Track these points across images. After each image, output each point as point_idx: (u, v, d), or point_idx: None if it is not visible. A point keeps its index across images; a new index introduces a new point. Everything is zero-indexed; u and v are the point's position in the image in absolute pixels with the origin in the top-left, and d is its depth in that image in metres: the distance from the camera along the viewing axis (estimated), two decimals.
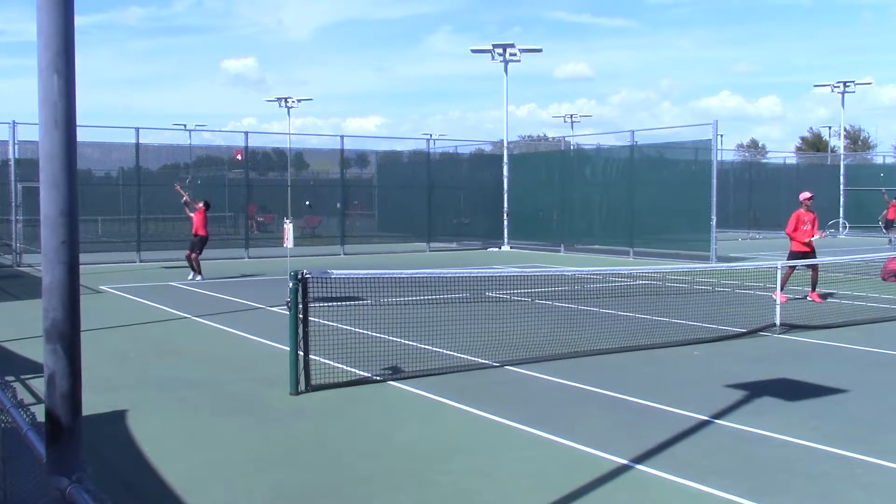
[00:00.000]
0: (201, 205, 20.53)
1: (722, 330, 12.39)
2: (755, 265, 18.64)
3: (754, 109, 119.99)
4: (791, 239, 15.97)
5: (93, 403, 8.15)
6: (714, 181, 25.23)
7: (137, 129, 27.14)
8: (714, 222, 25.27)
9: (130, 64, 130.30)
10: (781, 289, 14.64)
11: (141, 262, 25.87)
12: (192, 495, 5.74)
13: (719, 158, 28.54)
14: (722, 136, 55.34)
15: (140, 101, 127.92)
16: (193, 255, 20.12)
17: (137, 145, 27.14)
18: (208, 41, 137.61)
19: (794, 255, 15.78)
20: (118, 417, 7.70)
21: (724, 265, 20.99)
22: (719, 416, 7.69)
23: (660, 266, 19.00)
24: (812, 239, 15.66)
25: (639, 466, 6.29)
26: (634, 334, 11.90)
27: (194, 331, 13.06)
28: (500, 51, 35.56)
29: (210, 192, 30.88)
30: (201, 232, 20.26)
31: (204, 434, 7.36)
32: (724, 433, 7.22)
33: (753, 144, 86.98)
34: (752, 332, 12.34)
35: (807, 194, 16.02)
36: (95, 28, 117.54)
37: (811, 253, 15.77)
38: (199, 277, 19.95)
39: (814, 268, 15.48)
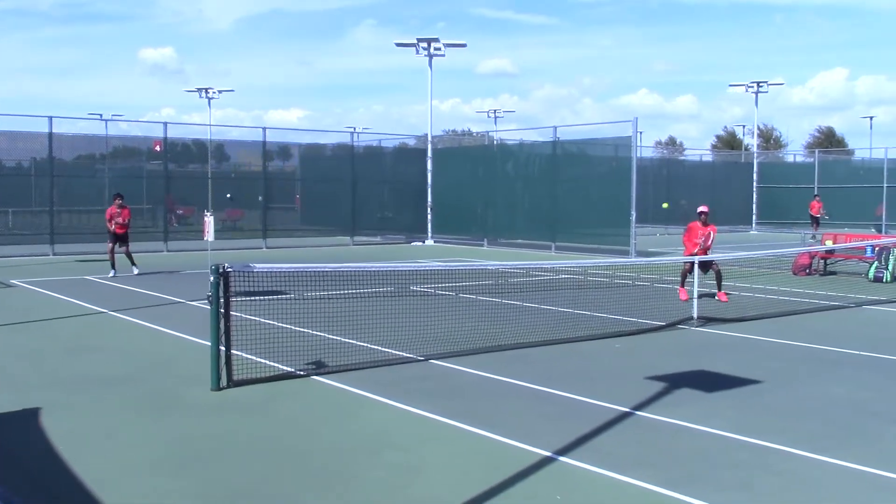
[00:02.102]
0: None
1: (642, 323, 12.63)
2: (673, 260, 19.05)
3: (672, 108, 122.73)
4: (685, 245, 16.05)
5: (2, 402, 7.86)
6: (633, 177, 25.65)
7: (51, 118, 26.29)
8: (633, 217, 25.72)
9: (43, 51, 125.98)
10: (682, 285, 15.02)
11: (55, 255, 25.07)
12: (108, 495, 5.57)
13: (638, 155, 29.06)
14: (641, 133, 56.52)
15: (54, 89, 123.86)
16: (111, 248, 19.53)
17: (51, 134, 26.27)
18: (126, 30, 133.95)
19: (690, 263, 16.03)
20: (29, 416, 7.42)
21: (644, 260, 21.41)
22: (640, 407, 7.83)
23: (581, 260, 19.29)
24: (702, 247, 15.60)
25: (562, 458, 6.35)
26: (557, 328, 12.05)
27: (111, 326, 12.70)
28: (425, 45, 35.52)
29: (128, 183, 30.13)
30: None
31: (121, 433, 7.15)
32: (645, 424, 7.36)
33: (671, 142, 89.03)
34: (671, 326, 12.61)
35: (703, 208, 16.09)
36: (7, 14, 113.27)
37: (707, 261, 15.70)
38: (135, 270, 19.40)
39: (717, 270, 15.58)
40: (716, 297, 15.21)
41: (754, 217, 45.27)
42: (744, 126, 76.44)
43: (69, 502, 5.56)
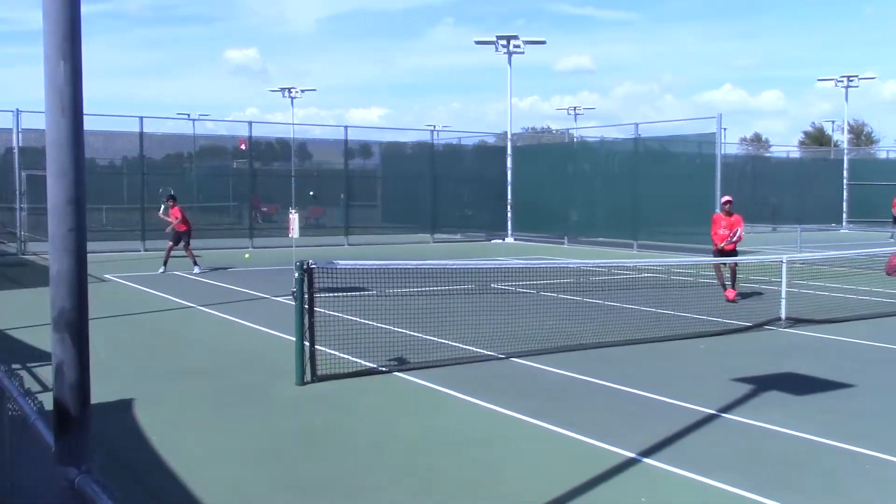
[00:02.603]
0: (170, 201, 20.31)
1: (727, 323, 12.35)
2: (759, 259, 18.56)
3: (757, 103, 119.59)
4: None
5: (99, 392, 8.13)
6: (718, 174, 25.16)
7: (141, 118, 27.14)
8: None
9: (134, 53, 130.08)
10: (723, 286, 15.00)
11: (145, 250, 25.86)
12: (198, 485, 5.72)
13: (722, 152, 28.44)
14: (725, 129, 55.14)
15: (143, 90, 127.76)
16: (187, 249, 20.17)
17: (141, 134, 27.12)
18: (211, 31, 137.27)
19: (716, 254, 16.02)
20: (124, 407, 7.68)
21: (730, 259, 20.89)
22: (726, 409, 7.66)
23: (665, 259, 18.96)
24: (731, 240, 15.61)
25: (645, 459, 6.26)
26: (639, 327, 11.87)
27: (200, 321, 13.04)
28: (504, 42, 35.44)
29: (214, 181, 30.89)
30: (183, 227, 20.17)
31: (209, 424, 7.34)
32: (731, 427, 7.19)
33: (757, 138, 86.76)
34: (758, 326, 12.30)
35: (726, 198, 16.12)
36: (99, 17, 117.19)
37: (731, 252, 15.70)
38: (196, 269, 19.83)
39: (732, 266, 15.40)
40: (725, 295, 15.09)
41: (844, 215, 43.81)
42: (833, 122, 74.10)
43: (161, 490, 5.73)
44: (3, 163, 26.25)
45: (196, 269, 19.76)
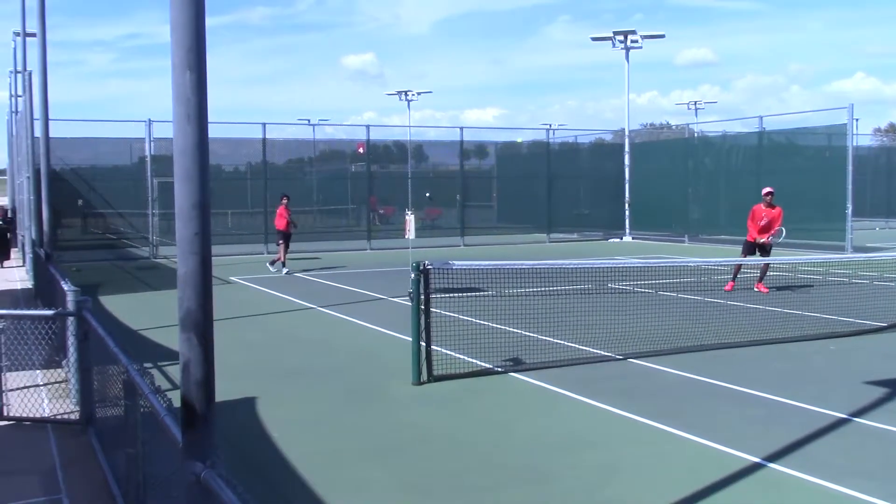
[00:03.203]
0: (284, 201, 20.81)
1: (859, 324, 11.78)
2: (894, 256, 17.64)
3: (892, 91, 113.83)
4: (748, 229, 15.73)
5: (223, 390, 8.44)
6: (850, 167, 24.06)
7: (264, 125, 28.02)
8: (850, 211, 24.12)
9: (256, 62, 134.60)
10: (734, 277, 15.18)
11: (268, 253, 26.66)
12: (318, 481, 5.86)
13: (854, 144, 27.17)
14: (857, 120, 52.69)
15: (266, 98, 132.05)
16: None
17: (264, 140, 28.02)
18: (329, 38, 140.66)
19: (748, 245, 15.75)
20: (247, 404, 7.95)
21: (861, 255, 19.98)
22: (859, 414, 7.31)
23: (791, 257, 18.23)
24: (775, 238, 15.52)
25: (772, 465, 6.03)
26: (764, 327, 11.47)
27: (319, 321, 13.37)
28: (622, 38, 34.95)
29: (333, 185, 31.57)
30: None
31: (329, 422, 7.51)
32: (865, 432, 6.86)
33: (892, 128, 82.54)
34: (893, 327, 11.68)
35: (767, 189, 15.93)
36: (223, 28, 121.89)
37: (765, 246, 15.50)
38: (284, 270, 20.30)
39: (764, 263, 15.32)
40: (754, 288, 14.96)
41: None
42: None
43: (282, 485, 5.89)
44: (137, 170, 27.59)
45: (273, 269, 20.28)
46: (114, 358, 5.51)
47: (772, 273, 16.43)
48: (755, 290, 15.25)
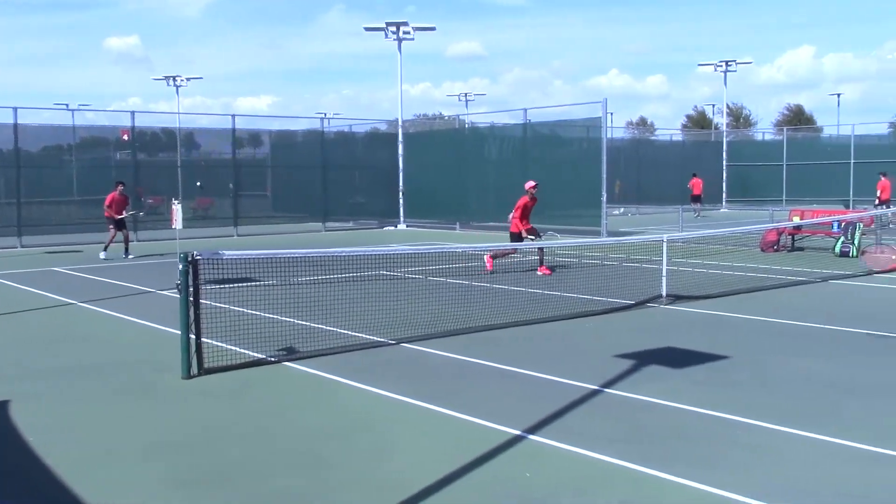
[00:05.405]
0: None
1: (611, 302, 12.74)
2: (642, 239, 19.21)
3: (642, 88, 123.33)
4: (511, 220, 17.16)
5: None
6: (604, 158, 25.79)
7: (15, 109, 25.97)
8: (604, 198, 25.89)
9: (8, 41, 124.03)
10: (541, 264, 16.24)
11: (22, 247, 24.83)
12: (80, 483, 5.57)
13: (609, 136, 29.20)
14: (612, 113, 56.65)
15: (17, 79, 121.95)
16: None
17: (16, 125, 25.96)
18: (90, 18, 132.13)
19: (516, 237, 17.10)
20: None
21: (614, 239, 21.55)
22: (610, 385, 7.93)
23: (551, 242, 19.35)
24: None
25: (533, 437, 6.43)
26: (528, 308, 12.13)
27: (81, 317, 12.62)
28: (394, 29, 35.39)
29: (96, 173, 29.80)
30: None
31: (93, 422, 7.14)
32: (615, 402, 7.46)
33: (642, 122, 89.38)
34: (640, 304, 12.74)
35: (531, 183, 17.34)
36: None
37: (521, 235, 16.90)
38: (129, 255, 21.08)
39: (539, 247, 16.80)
40: (537, 272, 16.28)
41: (724, 195, 45.68)
42: (713, 105, 76.97)
43: (43, 493, 5.55)
44: None
45: (104, 255, 20.93)
46: None
47: (533, 257, 17.38)
48: (539, 273, 16.13)
